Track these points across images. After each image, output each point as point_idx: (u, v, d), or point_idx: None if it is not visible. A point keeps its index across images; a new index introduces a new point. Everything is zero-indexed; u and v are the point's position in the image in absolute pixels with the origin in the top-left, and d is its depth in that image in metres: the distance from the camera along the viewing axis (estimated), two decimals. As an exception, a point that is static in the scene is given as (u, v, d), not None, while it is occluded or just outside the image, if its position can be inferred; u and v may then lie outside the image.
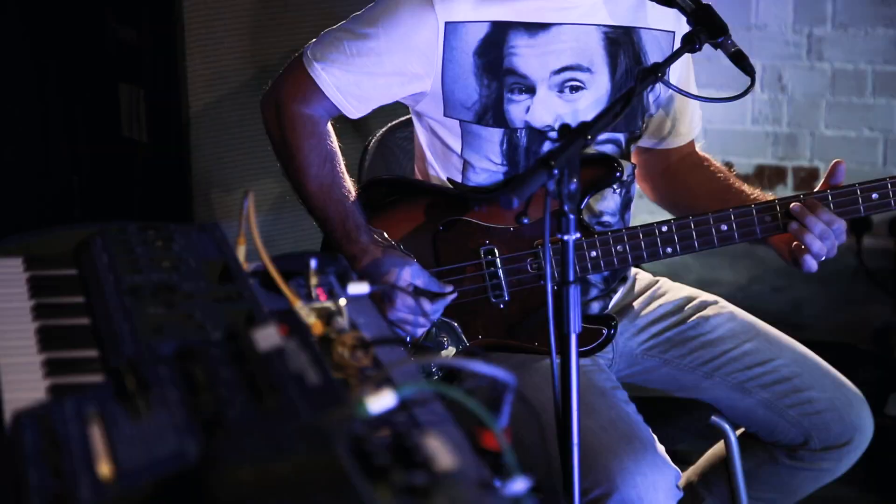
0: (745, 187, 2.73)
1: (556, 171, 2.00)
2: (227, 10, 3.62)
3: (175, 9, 3.56)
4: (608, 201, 2.67)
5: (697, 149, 2.86)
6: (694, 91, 2.76)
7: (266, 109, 2.66)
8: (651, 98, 2.71)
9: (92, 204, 4.10)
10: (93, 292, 1.82)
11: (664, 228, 2.59)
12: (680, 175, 2.82)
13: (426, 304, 2.53)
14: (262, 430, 1.39)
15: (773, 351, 2.70)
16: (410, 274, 2.53)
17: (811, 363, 2.71)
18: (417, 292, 2.53)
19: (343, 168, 2.63)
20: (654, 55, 2.65)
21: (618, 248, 2.59)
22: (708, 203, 2.68)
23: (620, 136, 2.67)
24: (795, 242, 2.57)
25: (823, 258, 2.56)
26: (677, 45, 2.67)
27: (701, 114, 2.85)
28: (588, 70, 2.60)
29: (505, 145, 2.61)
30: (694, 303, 2.77)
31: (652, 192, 2.88)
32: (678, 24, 2.64)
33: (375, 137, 2.93)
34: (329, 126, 2.64)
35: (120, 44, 3.78)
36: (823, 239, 2.54)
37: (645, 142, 2.78)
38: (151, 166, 3.79)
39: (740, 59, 2.40)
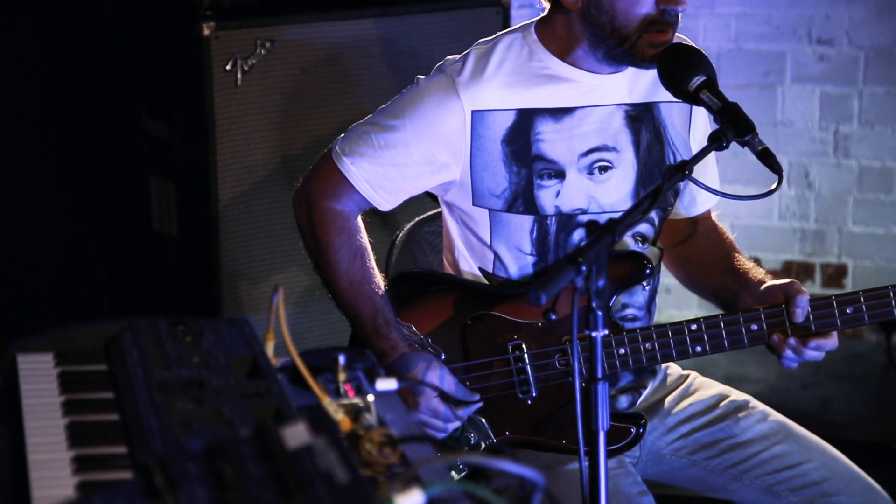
0: (737, 259, 2.73)
1: (583, 268, 2.00)
2: (256, 105, 3.66)
3: (206, 104, 3.60)
4: (636, 296, 2.67)
5: (714, 217, 2.86)
6: (716, 174, 2.78)
7: (297, 206, 2.68)
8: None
9: (120, 296, 4.12)
10: (122, 388, 1.83)
11: (694, 327, 2.58)
12: (687, 242, 2.82)
13: (450, 411, 2.53)
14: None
15: (802, 454, 2.67)
16: (438, 378, 2.53)
17: (841, 466, 2.68)
18: (443, 397, 2.52)
19: (373, 263, 2.64)
20: (672, 128, 2.67)
21: (646, 345, 2.59)
22: (699, 273, 2.72)
23: (653, 215, 2.68)
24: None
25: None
26: (696, 116, 2.70)
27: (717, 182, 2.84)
28: (614, 149, 2.62)
29: (535, 233, 2.62)
30: (725, 402, 2.75)
31: (665, 259, 2.87)
32: None
33: (403, 232, 2.94)
34: (359, 221, 2.66)
35: (151, 138, 3.82)
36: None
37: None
38: (180, 259, 3.82)
39: (767, 157, 2.40)
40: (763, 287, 2.63)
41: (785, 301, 2.57)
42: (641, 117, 2.64)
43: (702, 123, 2.73)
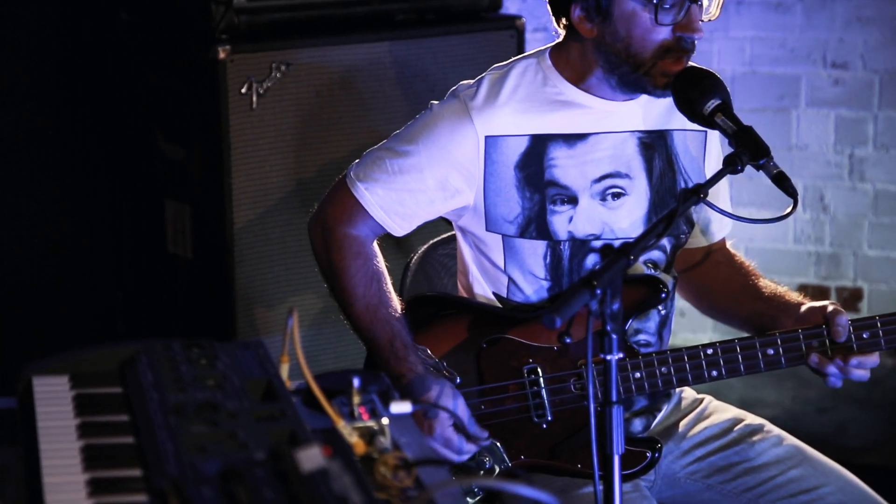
0: (765, 285, 2.73)
1: (598, 291, 2.00)
2: (271, 128, 3.67)
3: (221, 127, 3.61)
4: (649, 322, 2.67)
5: (728, 246, 2.86)
6: (728, 199, 2.78)
7: (313, 232, 2.68)
8: (693, 210, 2.72)
9: (135, 318, 4.13)
10: (137, 411, 1.83)
11: (709, 351, 2.58)
12: (705, 271, 2.82)
13: (461, 443, 2.52)
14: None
15: (818, 478, 2.66)
16: (453, 406, 2.53)
17: (857, 491, 2.67)
18: (457, 428, 2.52)
19: (389, 287, 2.64)
20: (685, 156, 2.67)
21: (662, 369, 2.58)
22: (726, 302, 2.71)
23: (665, 242, 2.68)
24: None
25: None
26: (710, 143, 2.70)
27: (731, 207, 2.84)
28: (627, 176, 2.62)
29: (548, 258, 2.62)
30: (740, 426, 2.74)
31: (680, 288, 2.87)
32: None
33: (417, 255, 2.94)
34: (375, 246, 2.66)
35: (167, 161, 3.83)
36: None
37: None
38: (195, 281, 3.82)
39: (782, 181, 2.40)
40: (802, 309, 2.62)
41: (825, 321, 2.57)
42: (654, 145, 2.64)
43: (716, 151, 2.73)
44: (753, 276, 2.77)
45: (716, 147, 2.73)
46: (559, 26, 2.61)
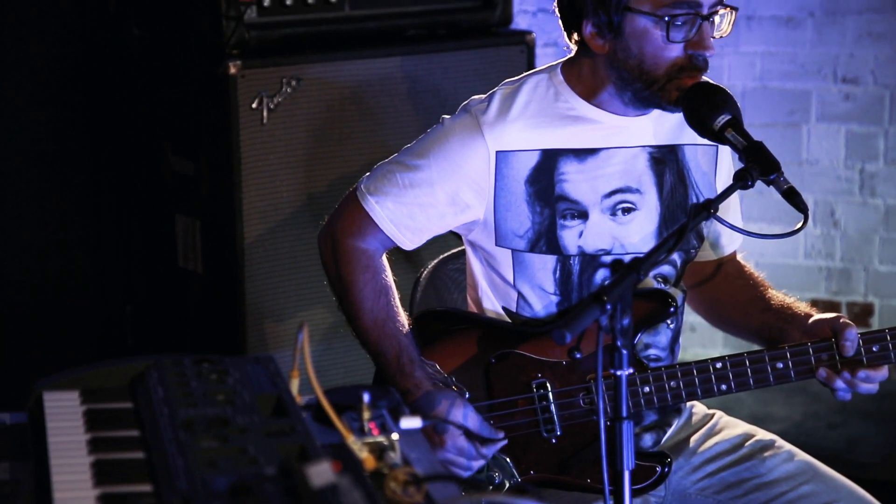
0: (773, 296, 2.72)
1: (608, 307, 2.00)
2: (281, 143, 3.68)
3: (232, 142, 3.62)
4: (659, 336, 2.66)
5: (739, 258, 2.85)
6: (739, 214, 2.78)
7: (322, 244, 2.69)
8: (704, 224, 2.72)
9: (145, 333, 4.14)
10: (148, 426, 1.83)
11: (718, 365, 2.57)
12: (716, 284, 2.82)
13: (475, 449, 2.52)
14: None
15: (829, 494, 2.65)
16: (462, 416, 2.53)
17: (869, 507, 2.67)
18: (468, 435, 2.52)
19: (397, 302, 2.64)
20: (696, 170, 2.67)
21: (671, 384, 2.58)
22: (736, 314, 2.71)
23: (675, 257, 2.67)
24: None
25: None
26: (721, 158, 2.70)
27: (741, 221, 2.84)
28: (637, 191, 2.62)
29: (558, 273, 2.62)
30: (751, 442, 2.74)
31: (690, 300, 2.86)
32: None
33: (427, 269, 2.94)
34: (384, 260, 2.66)
35: (177, 175, 3.84)
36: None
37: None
38: (206, 296, 3.83)
39: (793, 196, 2.40)
40: (811, 321, 2.62)
41: (833, 335, 2.56)
42: (665, 160, 2.64)
43: (727, 165, 2.73)
44: (762, 288, 2.77)
45: (727, 161, 2.73)
46: (570, 42, 2.62)
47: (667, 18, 2.48)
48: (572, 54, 2.63)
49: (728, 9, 2.54)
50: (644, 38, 2.50)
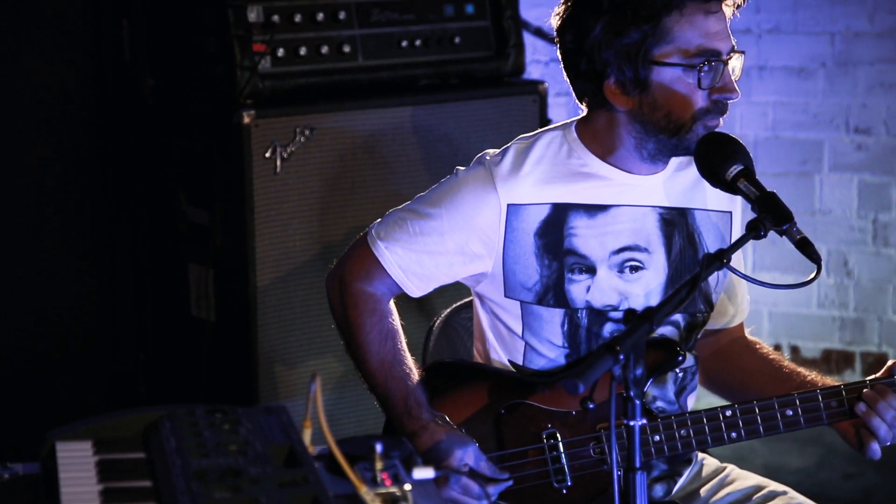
0: (801, 369, 2.72)
1: (621, 357, 2.00)
2: (294, 192, 3.69)
3: (245, 191, 3.64)
4: (665, 388, 2.65)
5: (746, 333, 2.85)
6: (741, 264, 2.77)
7: (330, 287, 2.70)
8: (713, 282, 2.71)
9: (157, 381, 4.14)
10: (160, 476, 1.83)
11: (728, 413, 2.57)
12: (733, 358, 2.81)
13: (481, 488, 2.51)
14: None
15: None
16: (468, 455, 2.52)
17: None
18: (473, 474, 2.52)
19: (405, 346, 2.64)
20: (708, 235, 2.67)
21: (681, 432, 2.57)
22: (765, 386, 2.68)
23: (679, 318, 2.66)
24: (863, 427, 2.55)
25: (889, 443, 2.55)
26: (735, 224, 2.70)
27: (749, 298, 2.84)
28: (646, 250, 2.62)
29: (566, 326, 2.62)
30: (763, 492, 2.73)
31: (701, 375, 2.85)
32: (734, 203, 2.67)
33: (440, 318, 2.94)
34: (391, 304, 2.67)
35: (191, 224, 3.85)
36: (892, 426, 2.52)
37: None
38: (218, 344, 3.83)
39: (805, 247, 2.40)
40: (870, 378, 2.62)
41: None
42: (675, 222, 2.64)
43: (740, 231, 2.71)
44: (786, 361, 2.76)
45: (740, 226, 2.72)
46: (581, 104, 2.62)
47: (698, 65, 2.49)
48: (584, 113, 2.64)
49: (739, 53, 2.56)
50: (673, 87, 2.51)
